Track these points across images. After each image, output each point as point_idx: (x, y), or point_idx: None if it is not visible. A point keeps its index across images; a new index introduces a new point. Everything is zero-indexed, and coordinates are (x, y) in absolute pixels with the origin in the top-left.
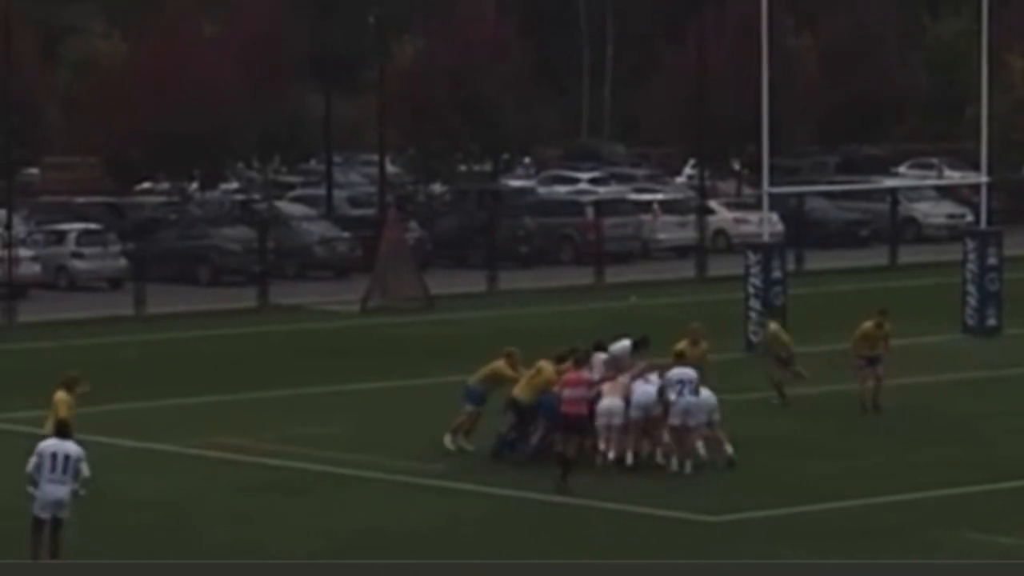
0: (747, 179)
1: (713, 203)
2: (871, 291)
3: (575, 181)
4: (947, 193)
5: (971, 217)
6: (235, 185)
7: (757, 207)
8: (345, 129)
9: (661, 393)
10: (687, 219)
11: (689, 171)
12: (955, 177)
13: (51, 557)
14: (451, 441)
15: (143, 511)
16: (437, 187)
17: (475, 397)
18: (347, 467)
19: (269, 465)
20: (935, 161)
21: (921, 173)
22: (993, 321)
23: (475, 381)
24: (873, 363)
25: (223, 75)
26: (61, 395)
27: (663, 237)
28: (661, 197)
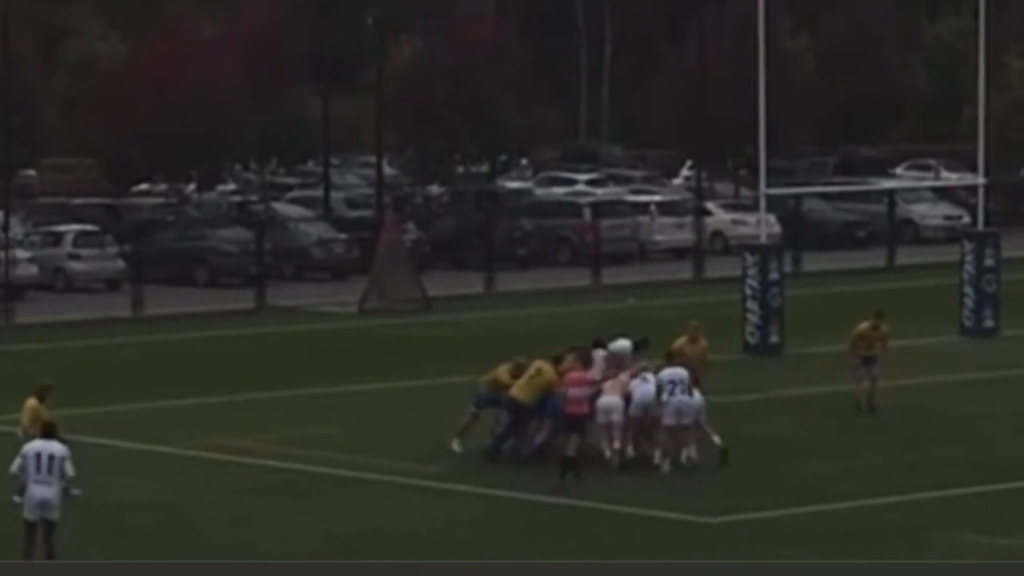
0: (744, 180)
1: (710, 205)
2: (868, 292)
3: (572, 183)
4: (944, 194)
5: (968, 219)
6: (232, 187)
7: (754, 208)
8: (343, 130)
9: (658, 392)
10: (684, 220)
11: (686, 172)
12: (952, 178)
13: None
14: (458, 444)
15: (141, 512)
16: (434, 189)
17: (477, 399)
18: (344, 468)
19: (267, 466)
20: (932, 162)
21: (918, 174)
22: (990, 322)
23: (481, 384)
24: (869, 363)
25: (222, 76)
26: (32, 403)
27: (660, 239)
28: (658, 199)
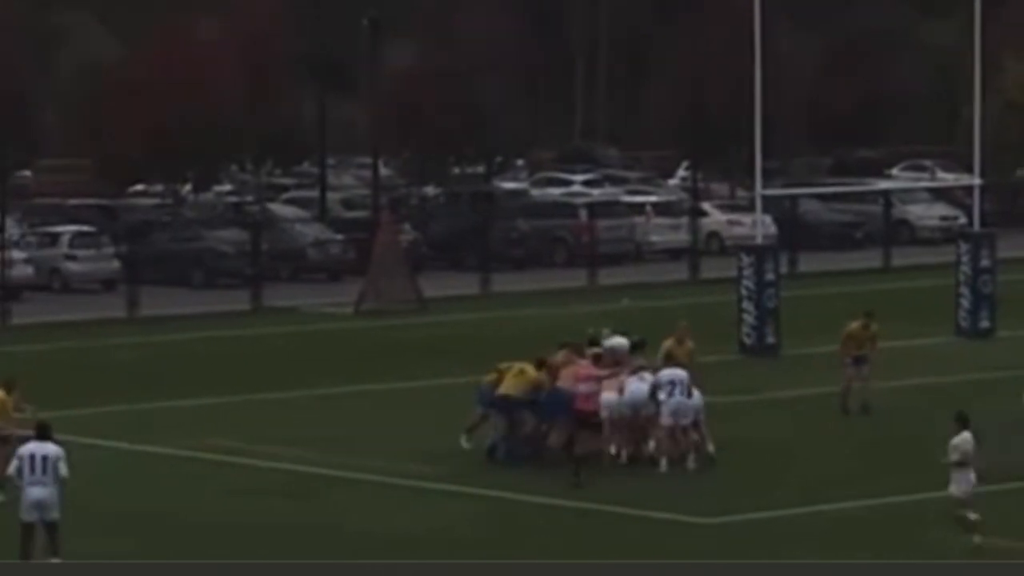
0: (740, 181)
1: (706, 205)
2: (864, 293)
3: (568, 183)
4: (940, 195)
5: (964, 219)
6: (228, 187)
7: (750, 209)
8: (339, 131)
9: (653, 393)
10: (680, 221)
11: (682, 173)
12: (948, 179)
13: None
14: (466, 441)
15: (136, 513)
16: (430, 190)
17: (481, 398)
18: (341, 469)
19: (262, 467)
20: (928, 163)
21: (914, 175)
22: (986, 323)
23: (485, 383)
24: (859, 363)
25: (218, 77)
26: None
27: (656, 239)
28: (654, 199)
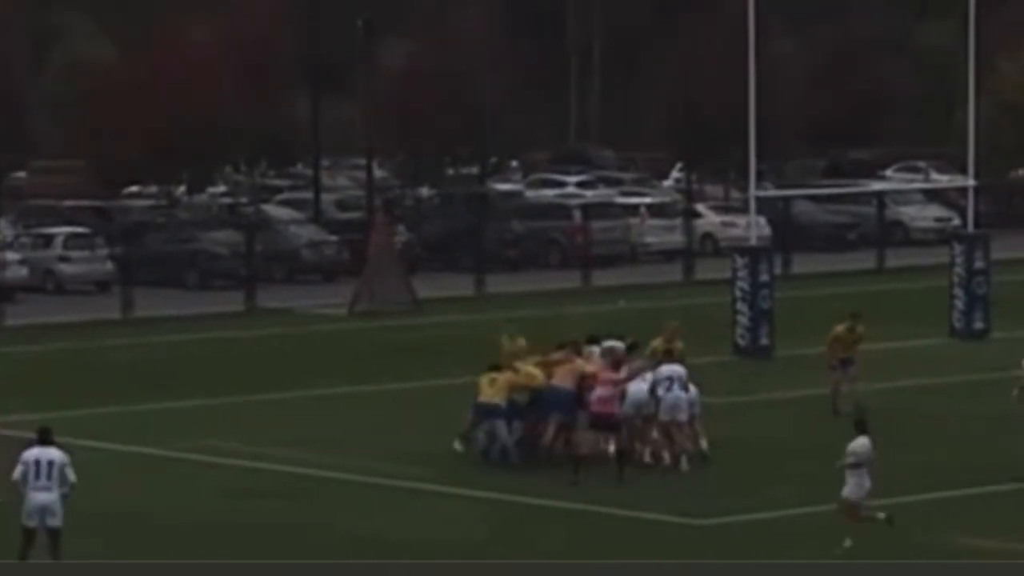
0: (734, 183)
1: (700, 207)
2: (858, 295)
3: (562, 185)
4: (934, 196)
5: (958, 220)
6: (222, 189)
7: (744, 210)
8: (334, 133)
9: (652, 391)
10: (674, 223)
11: (676, 175)
12: (942, 180)
13: None
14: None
15: (131, 515)
16: (425, 191)
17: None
18: (335, 470)
19: (258, 469)
20: (922, 164)
21: (908, 176)
22: (980, 324)
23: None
24: (846, 365)
25: (213, 78)
26: None
27: (651, 241)
28: (648, 201)
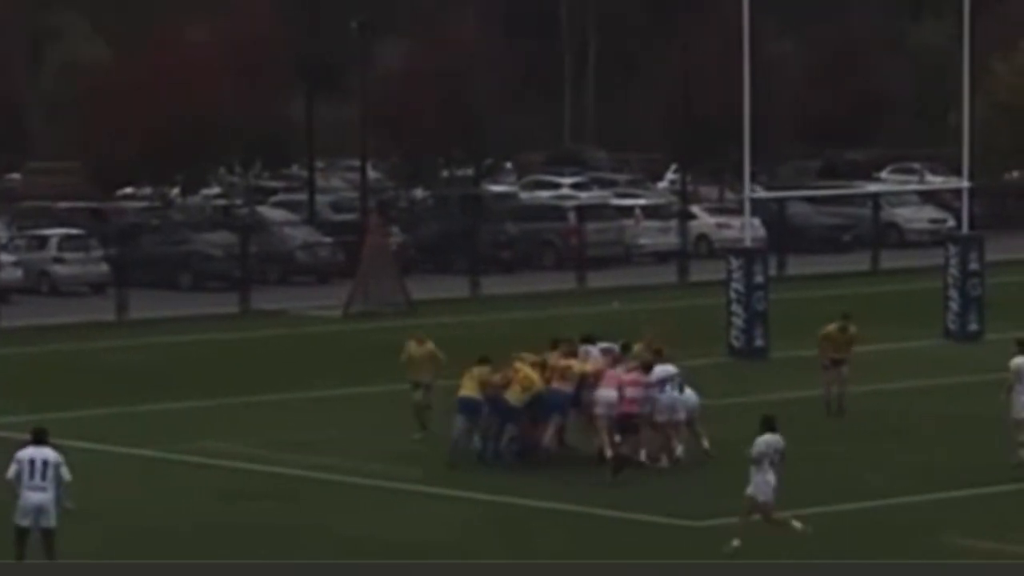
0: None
1: (695, 208)
2: (853, 296)
3: (557, 186)
4: (929, 198)
5: (953, 222)
6: (217, 190)
7: (739, 212)
8: (328, 134)
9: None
10: (669, 224)
11: (671, 176)
12: (937, 182)
13: None
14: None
15: (126, 516)
16: (419, 192)
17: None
18: (330, 472)
19: (252, 470)
20: (917, 166)
21: (903, 178)
22: (975, 326)
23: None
24: (838, 365)
25: (208, 80)
26: None
27: (645, 242)
28: (643, 202)
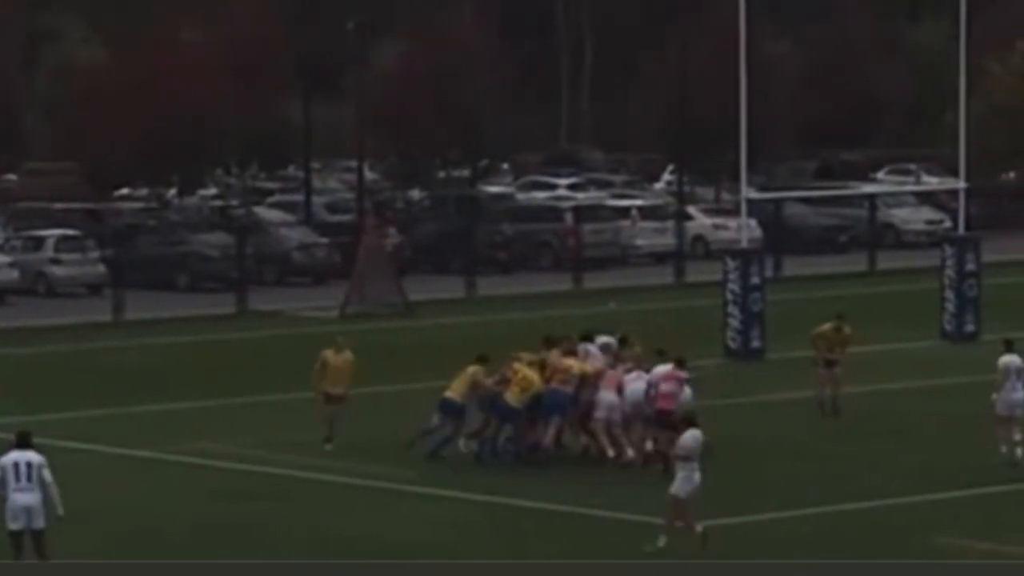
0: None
1: (692, 209)
2: (850, 297)
3: (553, 187)
4: (926, 199)
5: (949, 223)
6: (213, 191)
7: (736, 213)
8: (325, 135)
9: (648, 390)
10: (666, 225)
11: (668, 177)
12: (933, 183)
13: None
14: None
15: (122, 516)
16: (416, 193)
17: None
18: (326, 472)
19: (248, 471)
20: (913, 167)
21: (899, 179)
22: (971, 327)
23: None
24: (831, 366)
25: (204, 80)
26: None
27: (642, 243)
28: (640, 203)
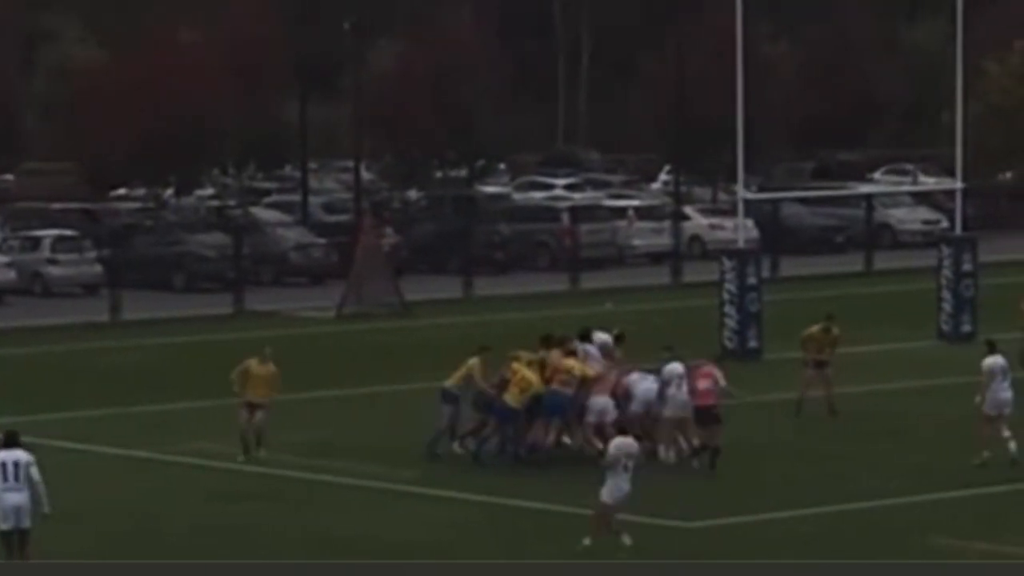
0: (722, 186)
1: (688, 209)
2: (846, 297)
3: (550, 187)
4: (922, 199)
5: (946, 223)
6: (210, 191)
7: (732, 213)
8: (322, 135)
9: (662, 389)
10: (662, 225)
11: (665, 177)
12: (930, 183)
13: None
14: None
15: (118, 517)
16: (413, 193)
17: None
18: (323, 473)
19: (245, 471)
20: (910, 167)
21: (896, 179)
22: (968, 327)
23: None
24: (821, 367)
25: (201, 81)
26: None
27: (639, 243)
28: (636, 203)
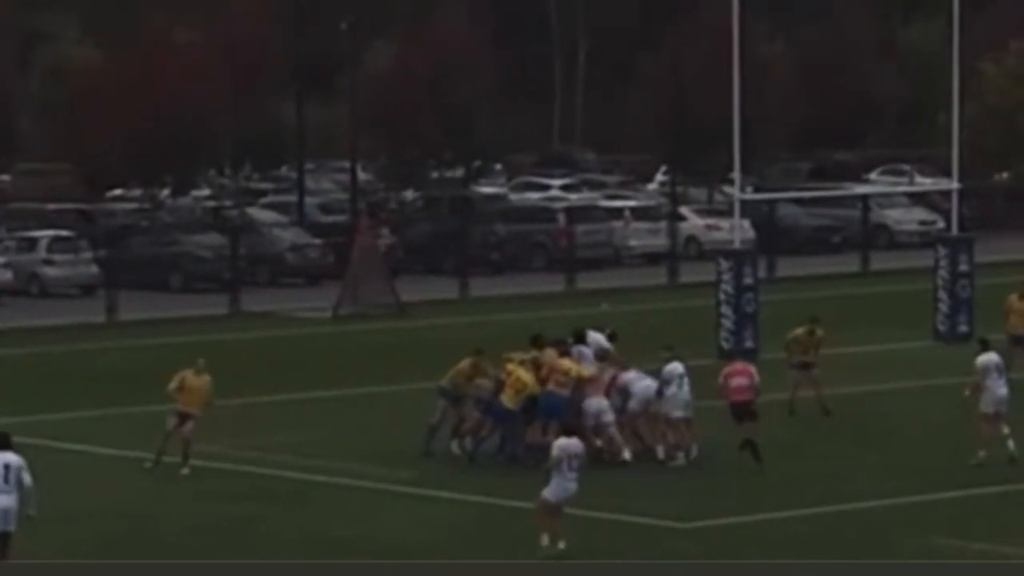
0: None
1: (685, 210)
2: (843, 298)
3: (546, 188)
4: (919, 200)
5: (943, 224)
6: (206, 192)
7: (729, 214)
8: (318, 136)
9: (660, 390)
10: (659, 226)
11: (661, 178)
12: (926, 184)
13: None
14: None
15: (115, 518)
16: (409, 194)
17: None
18: (319, 474)
19: (242, 472)
20: (907, 168)
21: (893, 180)
22: (964, 328)
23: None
24: (807, 369)
25: (198, 81)
26: None
27: (635, 244)
28: (633, 204)
